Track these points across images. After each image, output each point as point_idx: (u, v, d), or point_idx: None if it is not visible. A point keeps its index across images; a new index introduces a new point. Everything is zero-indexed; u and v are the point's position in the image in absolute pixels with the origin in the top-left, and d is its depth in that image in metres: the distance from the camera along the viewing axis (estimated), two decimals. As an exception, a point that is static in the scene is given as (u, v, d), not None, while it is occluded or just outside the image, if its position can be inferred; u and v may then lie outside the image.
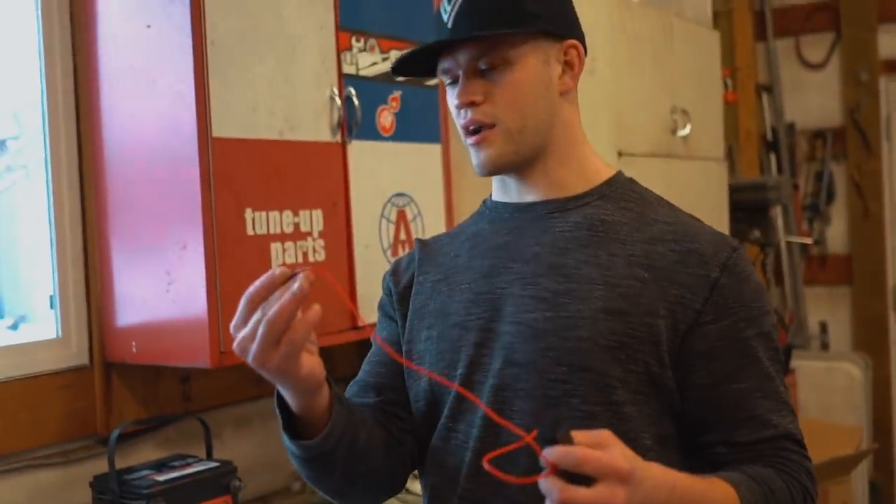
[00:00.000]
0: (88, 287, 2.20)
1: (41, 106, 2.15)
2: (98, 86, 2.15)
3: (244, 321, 1.14)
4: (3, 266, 2.29)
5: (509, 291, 1.34)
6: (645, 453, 1.19)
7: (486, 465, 1.08)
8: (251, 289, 1.14)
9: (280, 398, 1.25)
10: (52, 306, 2.18)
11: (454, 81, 1.35)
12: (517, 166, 1.36)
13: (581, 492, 1.02)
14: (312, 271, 1.14)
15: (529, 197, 1.40)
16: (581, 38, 1.39)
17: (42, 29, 2.14)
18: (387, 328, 1.48)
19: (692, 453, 1.33)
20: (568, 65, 1.37)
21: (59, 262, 2.16)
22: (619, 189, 1.40)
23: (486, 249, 1.40)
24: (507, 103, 1.32)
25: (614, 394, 1.26)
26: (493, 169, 1.35)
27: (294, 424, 1.27)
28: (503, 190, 1.43)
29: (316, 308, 1.14)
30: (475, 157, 1.35)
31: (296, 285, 1.12)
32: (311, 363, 1.17)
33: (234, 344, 1.15)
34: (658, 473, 1.12)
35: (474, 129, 1.33)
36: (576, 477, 1.02)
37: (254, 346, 1.13)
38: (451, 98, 1.36)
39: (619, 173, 1.43)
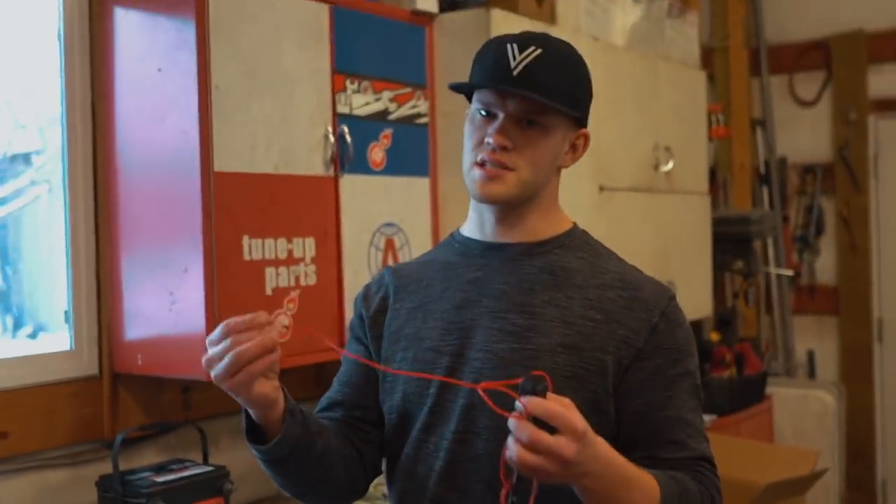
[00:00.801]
0: (100, 303, 2.40)
1: (61, 134, 2.36)
2: (113, 119, 2.37)
3: (217, 341, 1.34)
4: (24, 277, 2.50)
5: (479, 323, 1.52)
6: None
7: (480, 393, 1.28)
8: (235, 319, 1.32)
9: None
10: (66, 320, 2.38)
11: (489, 115, 1.50)
12: (508, 206, 1.54)
13: (545, 436, 1.22)
14: (292, 323, 1.33)
15: (501, 238, 1.58)
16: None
17: (64, 63, 2.36)
18: (355, 350, 1.66)
19: None
20: (573, 147, 1.57)
21: (73, 279, 2.37)
22: (576, 240, 1.60)
23: (459, 283, 1.58)
24: (529, 158, 1.49)
25: None
26: (491, 200, 1.52)
27: (258, 430, 1.46)
28: (479, 227, 1.60)
29: (277, 352, 1.33)
30: (480, 186, 1.50)
31: (270, 335, 1.30)
32: (265, 388, 1.35)
33: (203, 358, 1.35)
34: (603, 446, 1.31)
35: (493, 165, 1.50)
36: (540, 424, 1.22)
37: (218, 366, 1.32)
38: (479, 129, 1.51)
39: (575, 226, 1.63)
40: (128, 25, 2.34)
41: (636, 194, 3.37)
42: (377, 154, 2.62)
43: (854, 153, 5.06)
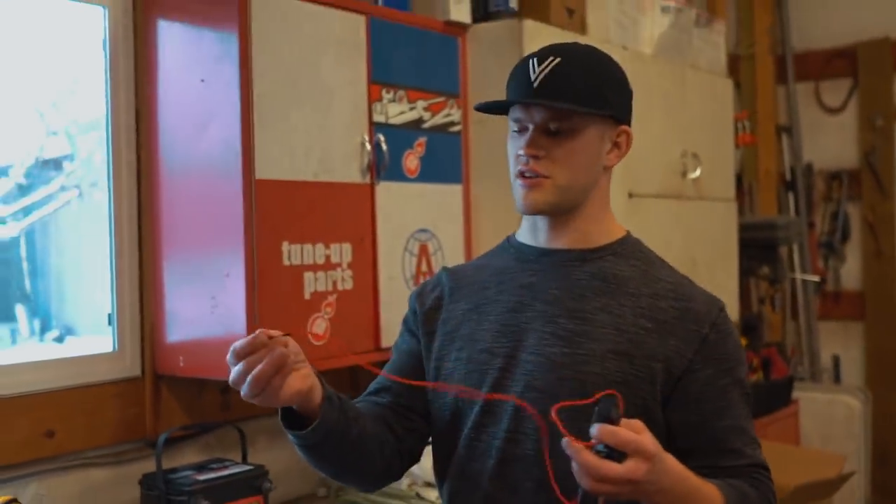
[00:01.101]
0: (142, 306, 2.47)
1: (106, 142, 2.43)
2: (156, 126, 2.43)
3: (233, 365, 1.39)
4: (52, 281, 2.56)
5: (532, 326, 1.58)
6: None
7: (552, 415, 1.33)
8: (239, 344, 1.38)
9: None
10: (109, 323, 2.45)
11: (521, 131, 1.57)
12: (554, 213, 1.59)
13: (614, 468, 1.28)
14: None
15: (554, 244, 1.63)
16: (630, 124, 1.64)
17: (109, 70, 2.43)
18: (407, 341, 1.72)
19: None
20: (616, 145, 1.61)
21: (117, 283, 2.44)
22: (629, 248, 1.65)
23: (513, 287, 1.63)
24: (562, 163, 1.55)
25: (615, 421, 1.51)
26: (535, 211, 1.58)
27: (294, 415, 1.50)
28: (532, 233, 1.66)
29: (289, 351, 1.40)
30: (522, 197, 1.56)
31: (278, 350, 1.37)
32: (293, 387, 1.41)
33: (229, 379, 1.40)
34: (671, 461, 1.37)
35: (529, 175, 1.56)
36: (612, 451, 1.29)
37: (243, 389, 1.38)
38: (515, 144, 1.58)
39: (629, 234, 1.68)
40: (171, 37, 2.41)
41: (664, 201, 3.41)
42: (412, 162, 2.68)
43: (880, 159, 5.09)
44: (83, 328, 2.57)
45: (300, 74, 2.38)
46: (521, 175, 1.56)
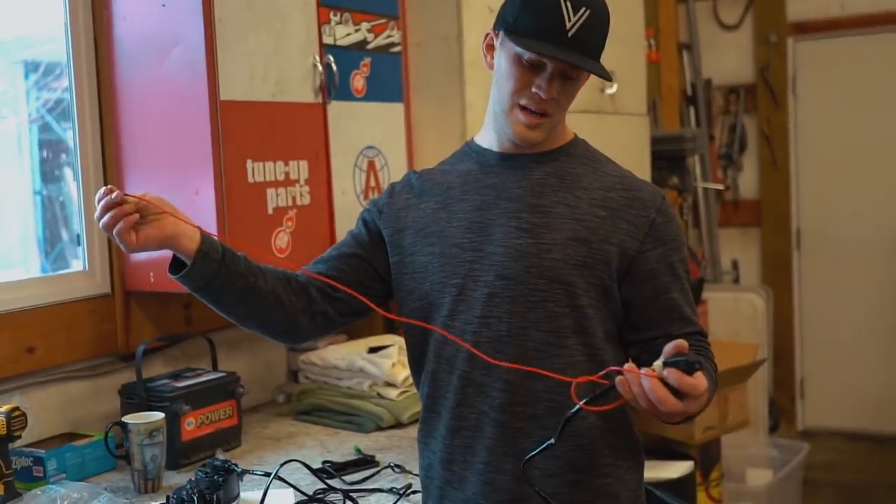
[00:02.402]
0: (109, 227, 2.56)
1: (68, 68, 2.50)
2: (114, 53, 2.50)
3: (97, 219, 1.68)
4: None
5: (498, 222, 1.76)
6: (596, 343, 1.71)
7: (572, 391, 1.53)
8: (97, 203, 1.67)
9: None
10: (78, 243, 2.55)
11: (536, 66, 1.68)
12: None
13: (675, 404, 1.47)
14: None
15: (514, 150, 1.81)
16: None
17: (68, 3, 2.49)
18: (361, 231, 1.90)
19: (636, 346, 1.77)
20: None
21: (85, 206, 2.52)
22: (579, 149, 1.85)
23: (478, 188, 1.82)
24: (563, 105, 1.75)
25: (579, 300, 1.71)
26: (530, 144, 1.75)
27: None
28: (496, 140, 1.82)
29: (128, 205, 1.67)
30: (521, 131, 1.73)
31: (119, 209, 1.66)
32: (151, 234, 1.69)
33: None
34: (706, 384, 1.52)
35: (536, 112, 1.71)
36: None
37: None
38: (524, 73, 1.69)
39: (576, 136, 1.88)
40: (127, -37, 2.47)
41: (586, 115, 3.61)
42: (358, 81, 2.81)
43: (774, 74, 5.39)
44: (8, 262, 2.60)
45: (256, -1, 2.48)
46: (526, 109, 1.72)
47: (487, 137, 1.86)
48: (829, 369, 5.38)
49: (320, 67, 2.65)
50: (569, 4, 1.65)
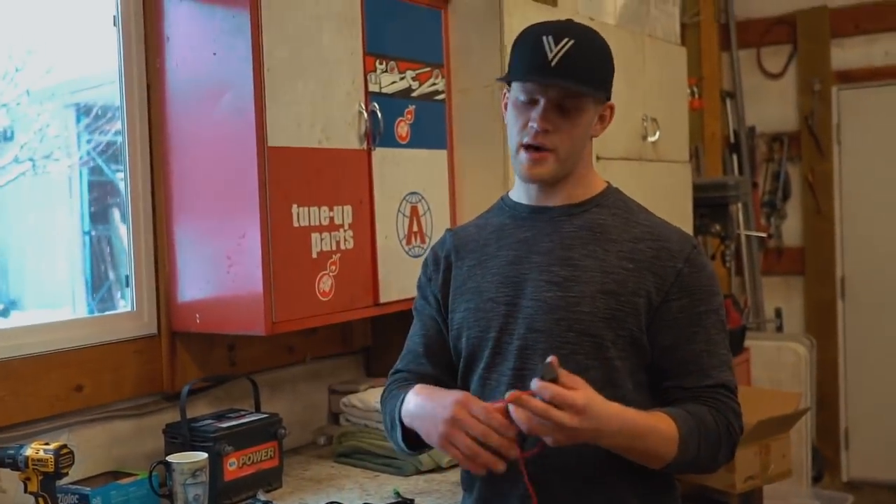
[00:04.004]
0: (157, 270, 2.62)
1: (121, 112, 2.57)
2: (166, 100, 2.57)
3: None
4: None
5: (530, 276, 1.79)
6: (625, 395, 1.72)
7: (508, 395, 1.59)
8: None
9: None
10: (126, 284, 2.60)
11: (530, 102, 1.74)
12: (554, 182, 1.80)
13: (552, 410, 1.54)
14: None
15: (546, 202, 1.85)
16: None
17: (122, 46, 2.56)
18: (426, 307, 1.95)
19: (658, 395, 1.79)
20: (601, 118, 1.83)
21: (134, 248, 2.58)
22: (610, 198, 1.87)
23: (511, 242, 1.85)
24: (566, 137, 1.75)
25: (608, 352, 1.73)
26: (538, 181, 1.79)
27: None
28: (525, 192, 1.87)
29: None
30: (527, 169, 1.77)
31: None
32: None
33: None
34: (613, 411, 1.62)
35: (536, 148, 1.75)
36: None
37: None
38: (522, 113, 1.75)
39: (609, 185, 1.90)
40: (179, 14, 2.53)
41: (627, 163, 3.63)
42: (402, 128, 2.86)
43: (818, 122, 5.38)
44: (30, 302, 2.65)
45: (304, 48, 2.53)
46: (527, 147, 1.76)
47: (518, 192, 1.90)
48: (874, 419, 5.31)
49: (366, 115, 2.70)
50: (550, 38, 1.71)
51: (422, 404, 1.71)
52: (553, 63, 1.70)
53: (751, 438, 2.93)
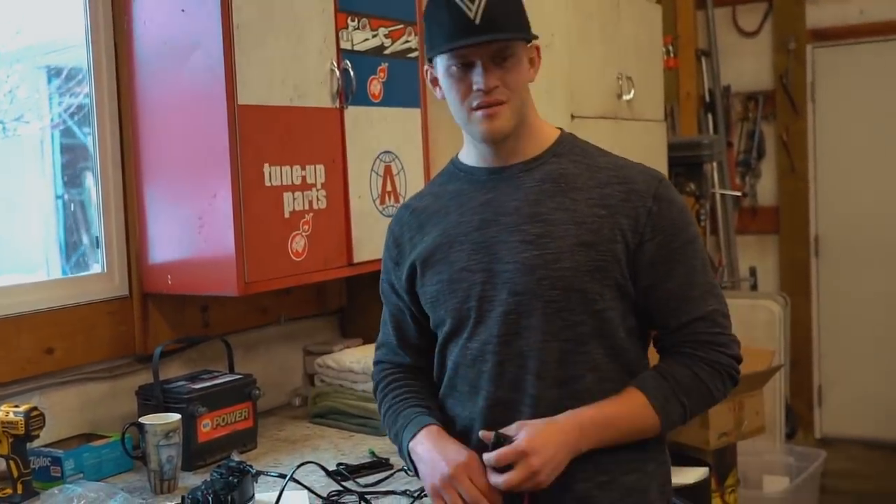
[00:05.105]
0: (128, 229, 2.59)
1: (89, 74, 2.53)
2: (134, 59, 2.53)
3: None
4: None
5: (500, 238, 1.75)
6: (617, 343, 1.72)
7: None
8: None
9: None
10: (97, 246, 2.58)
11: (465, 65, 1.70)
12: (512, 134, 1.76)
13: (511, 475, 1.63)
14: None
15: (501, 162, 1.80)
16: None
17: (89, 7, 2.52)
18: (393, 299, 1.93)
19: (647, 340, 1.80)
20: (531, 61, 1.79)
21: (104, 209, 2.55)
22: (567, 146, 1.82)
23: (474, 206, 1.80)
24: (513, 87, 1.71)
25: (596, 304, 1.71)
26: (500, 137, 1.73)
27: None
28: (479, 155, 1.82)
29: None
30: (486, 128, 1.71)
31: None
32: None
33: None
34: (564, 426, 1.66)
35: (488, 105, 1.70)
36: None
37: None
38: (462, 80, 1.70)
39: (563, 132, 1.85)
40: (147, -31, 2.50)
41: (603, 121, 3.61)
42: (375, 87, 2.83)
43: (793, 81, 5.38)
44: (2, 267, 2.61)
45: (275, 4, 2.49)
46: (479, 107, 1.71)
47: (472, 155, 1.85)
48: (848, 377, 5.36)
49: (338, 72, 2.67)
50: None
51: (430, 450, 1.74)
52: (477, 21, 1.66)
53: (724, 395, 2.94)
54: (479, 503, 1.65)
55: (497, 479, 1.64)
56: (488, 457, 1.65)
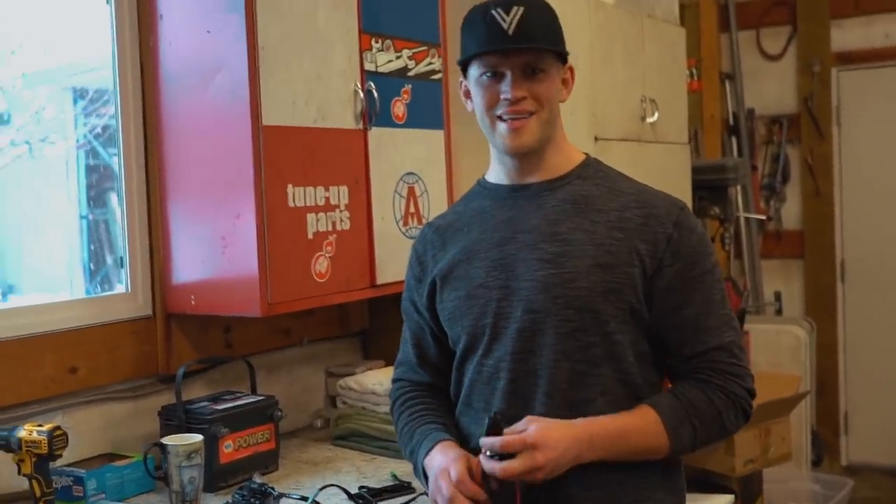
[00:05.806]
0: (152, 251, 2.59)
1: (114, 95, 2.54)
2: (160, 80, 2.55)
3: None
4: None
5: (519, 256, 1.75)
6: (627, 367, 1.71)
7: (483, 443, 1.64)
8: None
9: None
10: (121, 266, 2.58)
11: (496, 75, 1.72)
12: (538, 149, 1.76)
13: (512, 463, 1.59)
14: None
15: (525, 180, 1.81)
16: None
17: (115, 28, 2.53)
18: (414, 317, 1.93)
19: (661, 368, 1.78)
20: (564, 82, 1.80)
21: (129, 229, 2.56)
22: (591, 169, 1.83)
23: (494, 224, 1.81)
24: (542, 100, 1.72)
25: (608, 326, 1.70)
26: (525, 149, 1.74)
27: None
28: (503, 173, 1.84)
29: None
30: (511, 138, 1.73)
31: None
32: None
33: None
34: (576, 429, 1.64)
35: (516, 117, 1.71)
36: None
37: None
38: (490, 90, 1.72)
39: (588, 156, 1.86)
40: (173, -9, 2.51)
41: (626, 144, 3.60)
42: (399, 108, 2.83)
43: (818, 104, 5.35)
44: (27, 287, 2.64)
45: (299, 26, 2.50)
46: (504, 117, 1.72)
47: (496, 173, 1.86)
48: (874, 404, 5.29)
49: (361, 94, 2.67)
50: (500, 10, 1.69)
51: (434, 458, 1.75)
52: (511, 32, 1.68)
53: (751, 422, 2.90)
54: (456, 501, 1.64)
55: (494, 466, 1.61)
56: (491, 441, 1.61)
